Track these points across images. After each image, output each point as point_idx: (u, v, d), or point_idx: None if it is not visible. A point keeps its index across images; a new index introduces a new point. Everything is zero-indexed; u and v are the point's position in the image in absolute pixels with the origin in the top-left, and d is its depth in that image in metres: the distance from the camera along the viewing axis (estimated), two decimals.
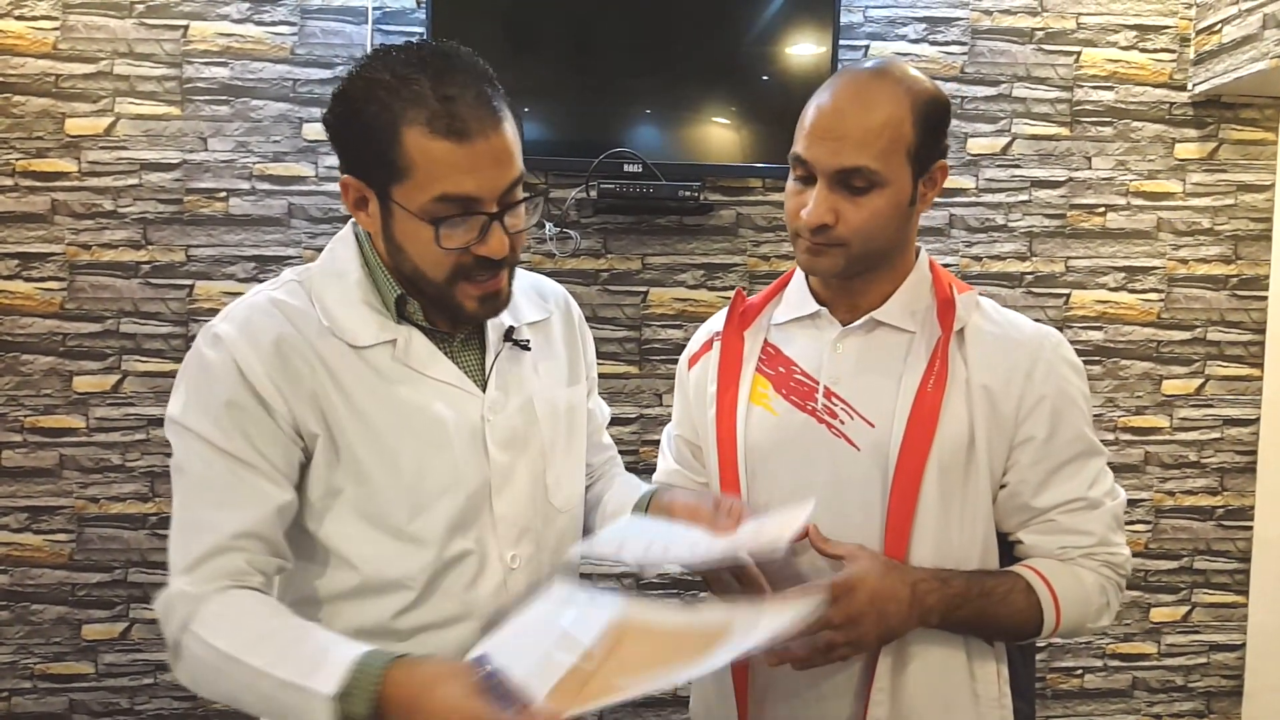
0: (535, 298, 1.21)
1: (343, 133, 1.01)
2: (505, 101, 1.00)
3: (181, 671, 0.98)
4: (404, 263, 1.03)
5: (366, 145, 0.98)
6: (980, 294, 1.20)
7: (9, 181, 2.30)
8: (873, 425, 1.12)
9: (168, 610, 0.97)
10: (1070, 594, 1.11)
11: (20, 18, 2.28)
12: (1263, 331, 2.52)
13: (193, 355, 1.02)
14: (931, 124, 1.10)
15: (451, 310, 1.06)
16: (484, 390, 1.09)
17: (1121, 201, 2.50)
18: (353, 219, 1.10)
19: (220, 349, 1.00)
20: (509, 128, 1.00)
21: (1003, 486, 1.14)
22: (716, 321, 1.29)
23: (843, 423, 1.13)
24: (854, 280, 1.16)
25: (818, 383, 1.16)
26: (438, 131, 0.95)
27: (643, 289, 2.44)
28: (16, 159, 2.29)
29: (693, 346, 1.32)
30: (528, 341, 1.14)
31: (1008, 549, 1.17)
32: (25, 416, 2.34)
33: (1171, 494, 2.56)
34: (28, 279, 2.32)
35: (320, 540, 1.05)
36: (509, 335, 1.12)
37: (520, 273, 1.20)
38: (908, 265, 1.18)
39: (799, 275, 1.24)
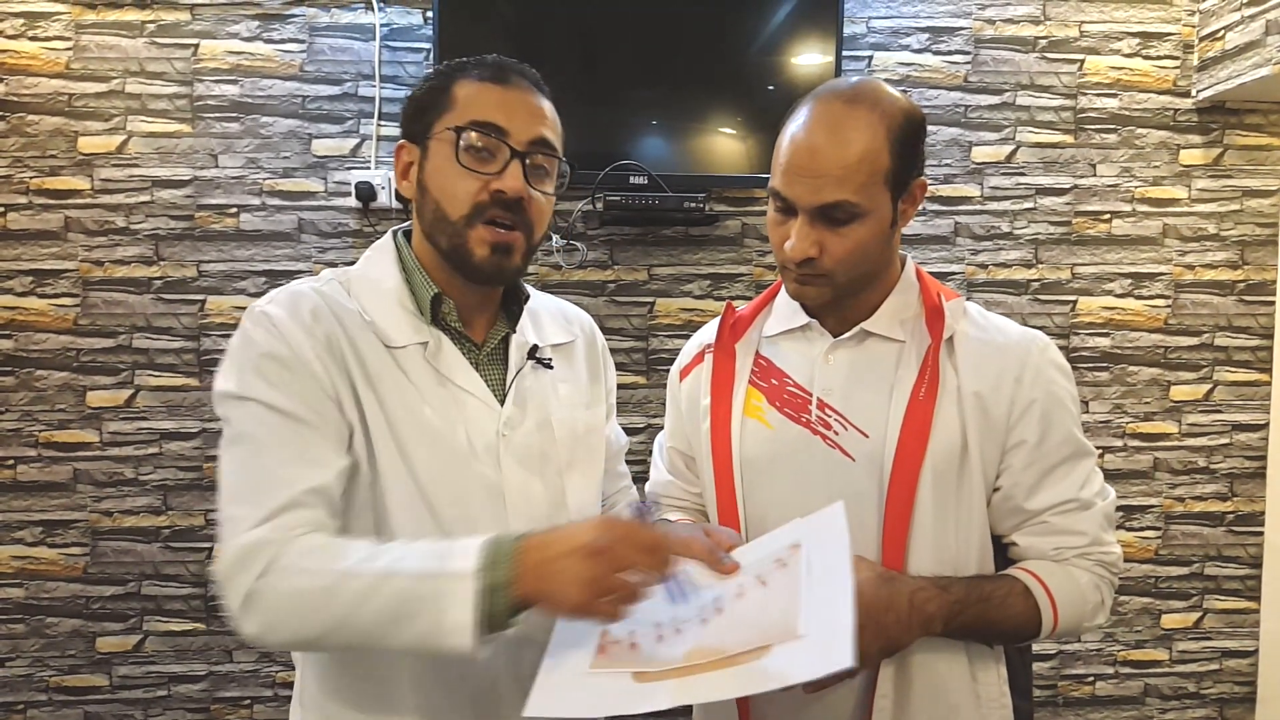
0: (562, 320, 1.24)
1: (411, 101, 1.12)
2: (551, 103, 1.12)
3: (256, 617, 0.93)
4: (428, 209, 1.08)
5: (422, 99, 1.10)
6: (986, 302, 1.21)
7: (23, 199, 2.33)
8: (866, 435, 1.13)
9: (244, 558, 0.93)
10: (1066, 595, 1.12)
11: (34, 38, 2.31)
12: (1270, 336, 2.52)
13: (238, 333, 1.04)
14: (908, 145, 1.09)
15: (464, 262, 1.07)
16: (502, 405, 1.11)
17: (1127, 208, 2.50)
18: (391, 231, 1.16)
19: (264, 322, 1.03)
20: (547, 104, 1.11)
21: (995, 490, 1.15)
22: (706, 333, 1.30)
23: (837, 434, 1.14)
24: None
25: (810, 394, 1.17)
26: (484, 78, 1.09)
27: (649, 300, 2.46)
28: (30, 177, 2.33)
29: (683, 359, 1.32)
30: (550, 360, 1.16)
31: (1001, 551, 1.18)
32: (39, 431, 2.36)
33: (1181, 500, 2.55)
34: (42, 295, 2.35)
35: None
36: (532, 353, 1.14)
37: (547, 297, 1.26)
38: (894, 275, 1.19)
39: None
